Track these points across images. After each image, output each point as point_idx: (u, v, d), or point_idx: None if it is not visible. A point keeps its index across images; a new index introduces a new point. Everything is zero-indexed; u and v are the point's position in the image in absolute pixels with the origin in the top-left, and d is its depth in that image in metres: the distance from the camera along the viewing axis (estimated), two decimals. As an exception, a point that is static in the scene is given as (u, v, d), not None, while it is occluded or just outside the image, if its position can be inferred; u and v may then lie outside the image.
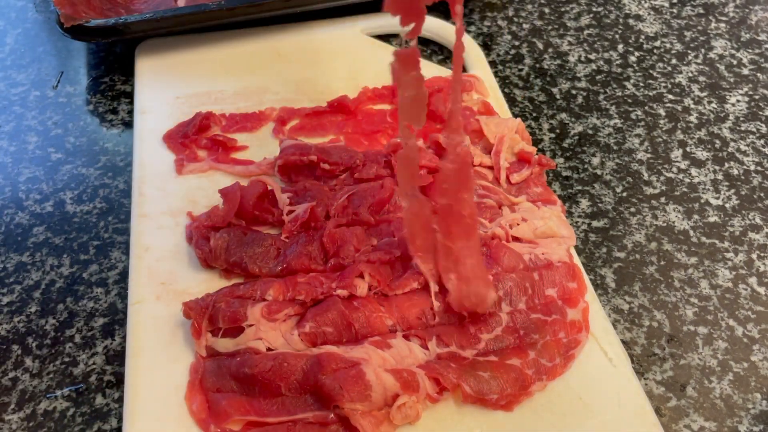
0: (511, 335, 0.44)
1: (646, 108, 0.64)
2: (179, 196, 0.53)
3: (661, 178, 0.58)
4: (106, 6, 0.65)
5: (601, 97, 0.65)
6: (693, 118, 0.63)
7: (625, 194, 0.57)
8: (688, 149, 0.60)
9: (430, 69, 0.62)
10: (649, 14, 0.74)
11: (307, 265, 0.47)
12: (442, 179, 0.42)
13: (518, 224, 0.49)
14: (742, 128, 0.62)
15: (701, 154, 0.60)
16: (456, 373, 0.42)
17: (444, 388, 0.42)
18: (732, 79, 0.67)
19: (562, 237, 0.49)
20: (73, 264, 0.51)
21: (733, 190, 0.57)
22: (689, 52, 0.70)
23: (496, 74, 0.65)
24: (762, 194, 0.57)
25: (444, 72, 0.62)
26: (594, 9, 0.74)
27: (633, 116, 0.63)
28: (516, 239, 0.49)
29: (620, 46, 0.70)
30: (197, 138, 0.56)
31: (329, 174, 0.52)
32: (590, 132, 0.61)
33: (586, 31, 0.71)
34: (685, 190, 0.57)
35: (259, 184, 0.50)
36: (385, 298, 0.45)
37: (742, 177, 0.58)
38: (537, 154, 0.53)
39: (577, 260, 0.49)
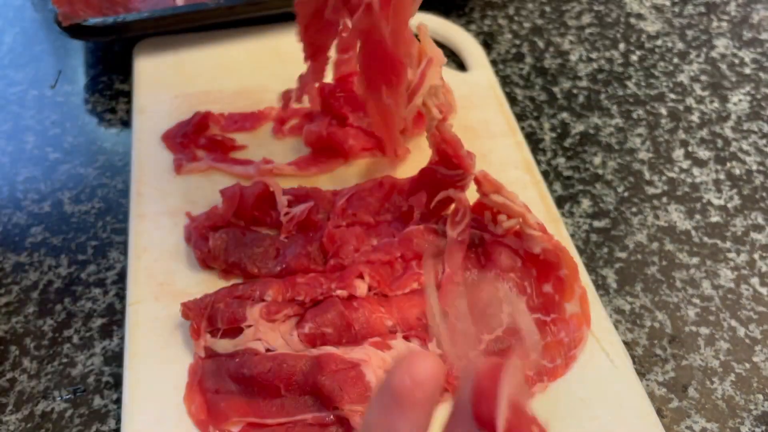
0: (511, 336, 0.44)
1: (648, 107, 0.63)
2: (178, 195, 0.52)
3: (663, 177, 0.58)
4: (104, 5, 0.64)
5: (603, 96, 0.64)
6: (695, 118, 0.63)
7: (626, 194, 0.56)
8: (689, 149, 0.60)
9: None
10: (651, 13, 0.73)
11: (307, 265, 0.47)
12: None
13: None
14: (744, 128, 0.62)
15: (703, 153, 0.60)
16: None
17: (444, 389, 0.41)
18: (734, 79, 0.67)
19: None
20: (71, 264, 0.50)
21: (735, 190, 0.57)
22: (691, 51, 0.69)
23: (496, 73, 0.64)
24: (764, 194, 0.57)
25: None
26: (595, 8, 0.74)
27: (634, 116, 0.63)
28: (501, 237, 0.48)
29: (622, 45, 0.70)
30: (196, 137, 0.56)
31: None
32: (591, 131, 0.61)
33: (587, 30, 0.71)
34: (686, 189, 0.57)
35: (259, 184, 0.49)
36: (385, 299, 0.45)
37: (744, 177, 0.58)
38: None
39: (577, 260, 0.49)
